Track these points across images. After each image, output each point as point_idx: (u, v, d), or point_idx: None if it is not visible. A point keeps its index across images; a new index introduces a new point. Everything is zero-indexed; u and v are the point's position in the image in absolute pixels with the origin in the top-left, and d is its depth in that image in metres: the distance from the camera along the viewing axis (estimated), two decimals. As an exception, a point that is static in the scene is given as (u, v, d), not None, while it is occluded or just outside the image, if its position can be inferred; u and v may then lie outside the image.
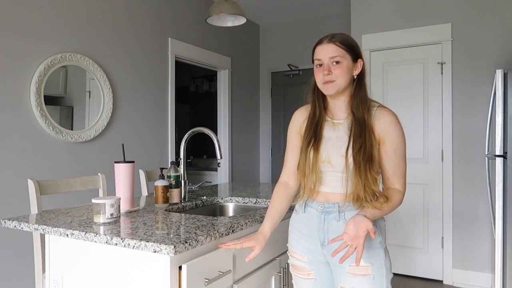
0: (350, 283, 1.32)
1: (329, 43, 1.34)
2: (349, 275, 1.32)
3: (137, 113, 3.33)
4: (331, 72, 1.33)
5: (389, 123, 1.34)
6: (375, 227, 1.25)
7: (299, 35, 4.92)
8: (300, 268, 1.45)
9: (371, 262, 1.31)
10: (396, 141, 1.33)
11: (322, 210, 1.37)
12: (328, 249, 1.36)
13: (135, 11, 3.31)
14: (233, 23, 2.65)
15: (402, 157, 1.34)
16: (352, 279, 1.32)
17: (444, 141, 3.48)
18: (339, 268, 1.35)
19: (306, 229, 1.42)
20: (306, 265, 1.43)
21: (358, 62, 1.37)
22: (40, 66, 2.58)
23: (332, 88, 1.34)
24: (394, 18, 3.68)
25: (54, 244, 1.53)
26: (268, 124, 5.13)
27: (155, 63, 3.52)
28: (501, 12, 3.27)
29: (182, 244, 1.21)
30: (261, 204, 2.15)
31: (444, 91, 3.47)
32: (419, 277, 3.57)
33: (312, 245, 1.40)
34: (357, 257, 1.20)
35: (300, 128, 1.47)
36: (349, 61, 1.34)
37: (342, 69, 1.33)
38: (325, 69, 1.33)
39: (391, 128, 1.33)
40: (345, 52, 1.34)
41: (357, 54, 1.37)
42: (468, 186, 3.39)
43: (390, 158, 1.33)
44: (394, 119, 1.34)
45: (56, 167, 2.70)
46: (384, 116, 1.35)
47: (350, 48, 1.35)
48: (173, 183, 2.01)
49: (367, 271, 1.30)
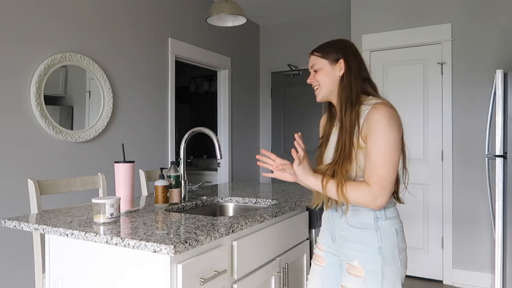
0: (345, 280, 1.37)
1: (310, 55, 1.44)
2: (346, 272, 1.37)
3: (137, 113, 3.33)
4: (313, 79, 1.42)
5: (373, 121, 1.27)
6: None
7: (299, 35, 4.92)
8: (317, 256, 1.54)
9: (364, 265, 1.32)
10: (375, 141, 1.27)
11: (331, 206, 1.44)
12: (337, 243, 1.42)
13: (135, 11, 3.31)
14: (233, 23, 2.65)
15: (384, 158, 1.25)
16: (347, 276, 1.36)
17: (444, 141, 3.48)
18: (343, 265, 1.40)
19: (324, 224, 1.52)
20: (322, 254, 1.52)
21: (339, 63, 1.37)
22: (40, 66, 2.58)
23: (318, 94, 1.43)
24: (394, 18, 3.68)
25: (54, 244, 1.53)
26: (268, 124, 5.13)
27: (155, 63, 3.52)
28: (501, 12, 3.27)
29: (182, 244, 1.21)
30: (261, 204, 2.15)
31: (444, 91, 3.47)
32: (419, 277, 3.57)
33: (328, 239, 1.48)
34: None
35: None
36: (326, 65, 1.39)
37: (319, 74, 1.40)
38: (310, 78, 1.43)
39: (373, 127, 1.27)
40: (320, 58, 1.40)
41: (335, 55, 1.38)
42: (468, 186, 3.39)
43: (368, 158, 1.29)
44: (380, 115, 1.27)
45: (56, 167, 2.70)
46: (372, 115, 1.29)
47: (326, 53, 1.39)
48: (173, 183, 2.01)
49: (359, 273, 1.32)
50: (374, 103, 1.31)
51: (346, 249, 1.37)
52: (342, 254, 1.40)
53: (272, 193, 2.42)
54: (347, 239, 1.37)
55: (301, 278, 2.11)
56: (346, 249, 1.37)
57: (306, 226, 2.17)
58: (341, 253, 1.40)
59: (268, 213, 1.72)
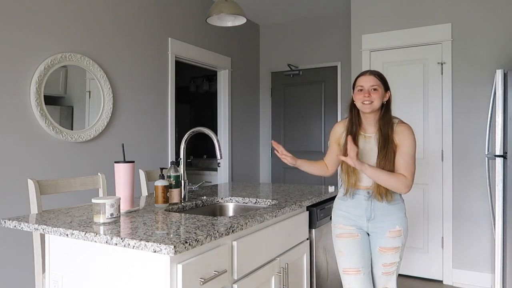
0: (389, 243, 1.91)
1: (370, 75, 1.89)
2: (388, 237, 1.91)
3: (137, 113, 3.33)
4: (370, 95, 1.85)
5: (404, 135, 1.87)
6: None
7: (299, 35, 4.92)
8: (349, 234, 1.96)
9: (402, 226, 1.92)
10: (407, 148, 1.86)
11: (368, 196, 1.91)
12: (375, 220, 1.91)
13: (135, 11, 3.31)
14: (233, 23, 2.65)
15: (411, 158, 1.86)
16: (390, 240, 1.91)
17: (444, 141, 3.48)
18: (379, 235, 1.92)
19: (355, 211, 1.95)
20: (354, 231, 1.96)
21: (387, 92, 1.92)
22: (40, 66, 2.58)
23: (369, 107, 1.85)
24: (394, 18, 3.68)
25: (54, 244, 1.53)
26: (268, 124, 5.13)
27: (155, 63, 3.52)
28: (501, 12, 3.27)
29: (182, 244, 1.21)
30: (261, 204, 2.15)
31: (444, 91, 3.47)
32: (419, 277, 3.57)
33: (360, 220, 1.94)
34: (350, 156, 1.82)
35: (338, 138, 2.02)
36: (382, 90, 1.88)
37: (377, 94, 1.86)
38: (366, 92, 1.86)
39: (405, 139, 1.86)
40: (380, 83, 1.88)
41: (387, 86, 1.92)
42: (468, 186, 3.39)
43: (403, 158, 1.85)
44: (409, 131, 1.87)
45: (56, 167, 2.70)
46: (402, 130, 1.88)
47: (383, 81, 1.90)
48: (173, 183, 2.01)
49: (400, 233, 1.91)
50: (398, 122, 1.91)
51: (386, 222, 1.90)
52: (380, 227, 1.91)
53: (272, 193, 2.42)
54: (387, 214, 1.90)
55: (301, 278, 2.11)
56: (386, 222, 1.90)
57: (306, 226, 2.17)
58: (378, 226, 1.91)
59: (268, 213, 1.72)
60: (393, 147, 1.85)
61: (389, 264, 1.93)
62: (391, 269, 1.93)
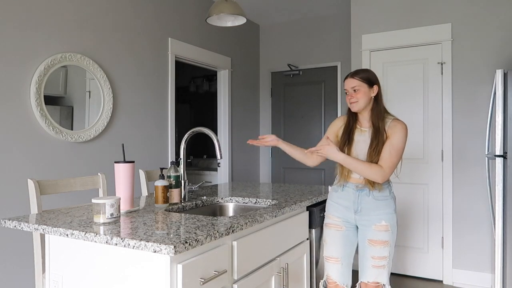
0: (376, 236, 1.99)
1: (350, 78, 2.00)
2: (374, 230, 1.99)
3: (137, 113, 3.33)
4: (353, 96, 1.98)
5: (397, 129, 1.96)
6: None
7: (299, 35, 4.92)
8: (335, 225, 2.08)
9: (389, 222, 1.99)
10: (395, 140, 1.94)
11: (357, 189, 2.01)
12: (361, 214, 2.01)
13: (135, 11, 3.31)
14: (233, 23, 2.65)
15: (396, 152, 1.94)
16: (377, 233, 1.99)
17: (444, 141, 3.48)
18: (367, 227, 2.01)
19: (343, 202, 2.05)
20: (340, 223, 2.07)
21: (374, 87, 1.99)
22: (40, 66, 2.58)
23: (355, 106, 1.99)
24: (394, 18, 3.68)
25: (54, 244, 1.53)
26: (268, 124, 5.13)
27: (155, 63, 3.52)
28: (501, 12, 3.27)
29: (182, 244, 1.21)
30: (261, 204, 2.15)
31: (444, 91, 3.47)
32: (419, 277, 3.57)
33: (348, 212, 2.04)
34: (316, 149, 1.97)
35: (337, 130, 2.13)
36: (365, 88, 1.97)
37: (360, 93, 1.97)
38: (349, 95, 2.00)
39: (396, 132, 1.95)
40: (361, 82, 1.97)
41: (372, 82, 1.99)
42: (468, 186, 3.39)
43: (388, 150, 1.93)
44: (401, 126, 1.96)
45: (56, 167, 2.70)
46: (395, 125, 1.97)
47: (366, 79, 1.98)
48: (173, 183, 2.01)
49: (387, 228, 1.99)
50: (393, 119, 2.00)
51: (372, 216, 1.98)
52: (366, 220, 2.00)
53: (272, 193, 2.42)
54: (373, 209, 1.99)
55: (301, 278, 2.11)
56: (372, 216, 1.98)
57: (306, 226, 2.17)
58: (365, 219, 2.00)
59: (268, 213, 1.72)
60: (383, 139, 1.93)
61: (377, 257, 1.99)
62: (380, 262, 1.99)
